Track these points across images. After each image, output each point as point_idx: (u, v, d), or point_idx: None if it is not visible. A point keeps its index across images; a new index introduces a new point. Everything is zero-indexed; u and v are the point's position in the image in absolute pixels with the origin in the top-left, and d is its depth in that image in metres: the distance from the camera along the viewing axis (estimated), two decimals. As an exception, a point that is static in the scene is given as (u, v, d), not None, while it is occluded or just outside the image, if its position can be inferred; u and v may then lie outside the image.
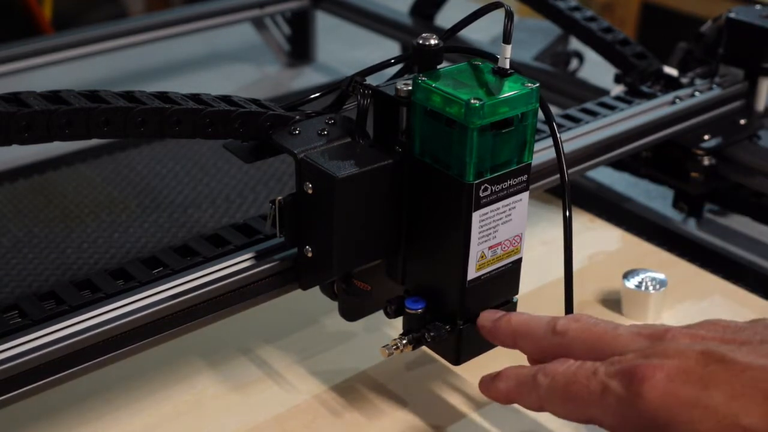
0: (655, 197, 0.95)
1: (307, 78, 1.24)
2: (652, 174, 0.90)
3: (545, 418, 0.65)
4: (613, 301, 0.77)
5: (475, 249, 0.58)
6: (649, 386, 0.48)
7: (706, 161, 0.85)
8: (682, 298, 0.78)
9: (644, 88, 0.88)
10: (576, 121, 0.81)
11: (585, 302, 0.77)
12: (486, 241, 0.58)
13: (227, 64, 1.28)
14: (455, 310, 0.60)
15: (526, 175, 0.58)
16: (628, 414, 0.49)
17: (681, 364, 0.48)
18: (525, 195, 0.59)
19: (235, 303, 0.62)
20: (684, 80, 0.90)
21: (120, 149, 1.00)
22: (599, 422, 0.51)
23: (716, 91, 0.88)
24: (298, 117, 0.62)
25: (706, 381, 0.47)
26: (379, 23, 1.17)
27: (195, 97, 0.60)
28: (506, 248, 0.60)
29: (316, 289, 0.65)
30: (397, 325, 0.64)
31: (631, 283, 0.74)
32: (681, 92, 0.86)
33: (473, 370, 0.68)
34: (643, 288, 0.74)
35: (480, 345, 0.62)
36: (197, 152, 0.99)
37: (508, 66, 0.57)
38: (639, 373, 0.48)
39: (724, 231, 0.90)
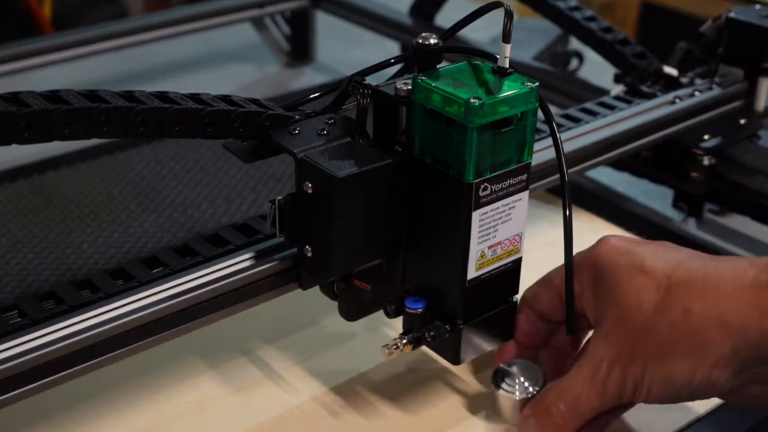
0: (655, 197, 0.95)
1: (307, 78, 1.24)
2: (652, 174, 0.90)
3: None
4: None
5: (475, 248, 0.58)
6: None
7: (706, 161, 0.85)
8: (682, 298, 0.78)
9: (644, 88, 0.88)
10: (576, 121, 0.81)
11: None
12: (486, 240, 0.58)
13: (227, 64, 1.28)
14: (455, 310, 0.60)
15: (525, 175, 0.58)
16: None
17: None
18: (525, 194, 0.59)
19: (235, 303, 0.62)
20: (684, 80, 0.90)
21: (120, 149, 1.00)
22: None
23: (716, 91, 0.87)
24: (297, 117, 0.62)
25: None
26: (379, 23, 1.17)
27: (195, 97, 0.60)
28: (506, 248, 0.60)
29: (316, 289, 0.65)
30: (397, 325, 0.64)
31: None
32: (681, 92, 0.86)
33: (473, 370, 0.68)
34: None
35: (480, 345, 0.62)
36: (197, 152, 0.99)
37: (507, 65, 0.57)
38: None
39: (724, 231, 0.90)
